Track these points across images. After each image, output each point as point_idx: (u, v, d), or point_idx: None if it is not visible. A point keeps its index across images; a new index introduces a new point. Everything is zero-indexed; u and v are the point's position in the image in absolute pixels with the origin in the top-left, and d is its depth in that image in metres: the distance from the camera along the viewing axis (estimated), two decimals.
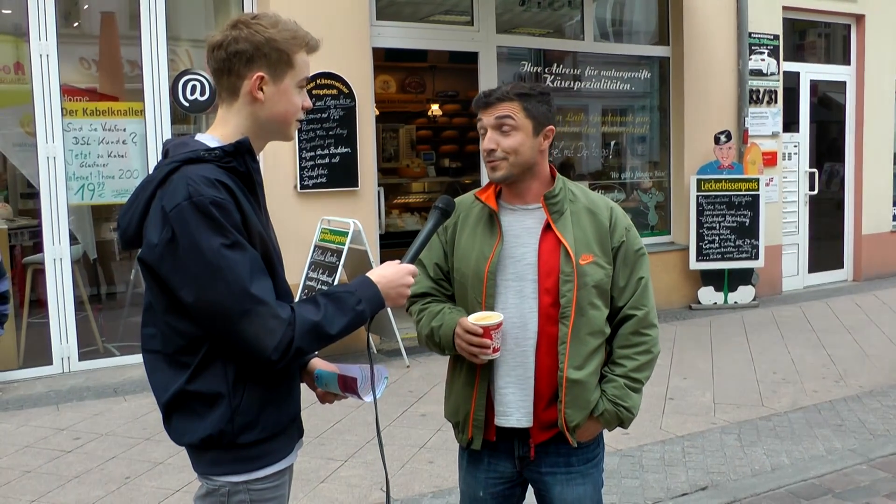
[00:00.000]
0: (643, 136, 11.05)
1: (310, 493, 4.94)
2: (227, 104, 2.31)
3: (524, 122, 2.75)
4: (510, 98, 2.75)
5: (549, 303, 2.76)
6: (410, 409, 6.47)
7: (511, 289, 2.80)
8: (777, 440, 5.84)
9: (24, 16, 7.13)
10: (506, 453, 2.89)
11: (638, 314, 2.82)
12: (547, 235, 2.79)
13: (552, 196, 2.80)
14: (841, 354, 8.10)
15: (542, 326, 2.77)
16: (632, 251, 2.85)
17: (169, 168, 2.16)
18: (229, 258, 2.09)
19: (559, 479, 2.85)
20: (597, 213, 2.82)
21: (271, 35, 2.24)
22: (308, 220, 7.69)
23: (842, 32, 12.35)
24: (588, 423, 2.81)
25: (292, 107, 2.32)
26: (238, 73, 2.25)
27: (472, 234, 2.87)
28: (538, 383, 2.78)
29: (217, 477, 2.28)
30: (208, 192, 2.09)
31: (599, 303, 2.78)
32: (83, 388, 7.05)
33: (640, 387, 2.84)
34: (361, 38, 8.16)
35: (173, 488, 5.07)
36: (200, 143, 2.26)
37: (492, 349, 2.68)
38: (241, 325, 2.10)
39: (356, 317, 2.27)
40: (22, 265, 7.93)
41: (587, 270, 2.75)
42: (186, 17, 8.36)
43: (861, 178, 12.32)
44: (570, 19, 10.33)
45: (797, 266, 11.80)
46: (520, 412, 2.81)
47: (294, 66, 2.29)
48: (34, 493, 5.02)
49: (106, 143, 7.52)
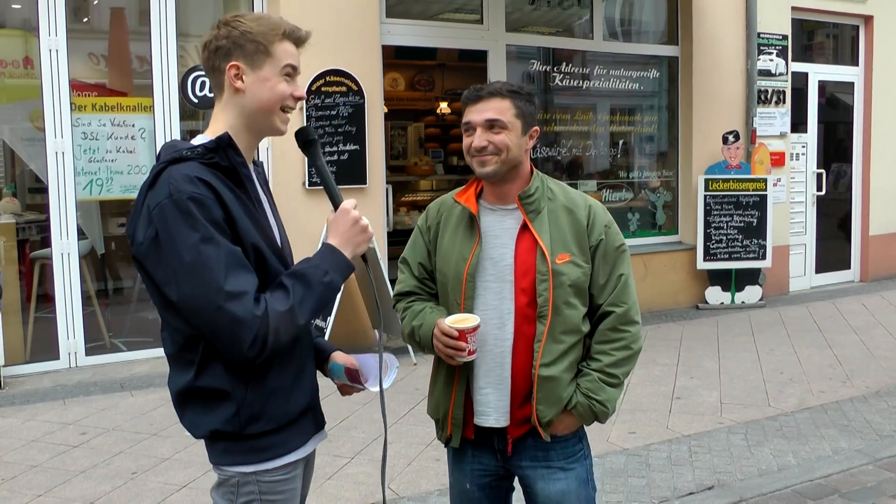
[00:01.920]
0: (651, 136, 11.03)
1: (316, 489, 4.94)
2: (217, 101, 2.37)
3: (514, 121, 2.76)
4: (502, 94, 2.76)
5: (525, 302, 2.77)
6: (417, 407, 6.47)
7: (491, 290, 2.81)
8: (783, 440, 5.83)
9: (34, 11, 7.15)
10: (487, 447, 2.91)
11: (617, 311, 2.81)
12: (524, 235, 2.80)
13: (527, 196, 2.81)
14: (848, 355, 8.09)
15: (519, 326, 2.78)
16: (612, 248, 2.84)
17: (157, 170, 2.21)
18: (204, 254, 2.11)
19: (539, 473, 2.87)
20: (574, 212, 2.82)
21: (248, 28, 2.29)
22: (316, 218, 7.68)
23: (850, 33, 12.32)
24: (562, 417, 2.81)
25: (275, 94, 2.33)
26: (219, 67, 2.31)
27: (454, 235, 2.89)
28: (514, 382, 2.80)
29: (228, 467, 2.31)
30: (187, 188, 2.13)
31: (576, 301, 2.78)
32: (90, 383, 7.06)
33: (616, 382, 2.82)
34: (371, 35, 8.16)
35: (180, 483, 5.08)
36: (187, 143, 2.30)
37: (467, 352, 2.70)
38: (215, 320, 2.12)
39: (325, 289, 2.28)
40: (30, 260, 7.95)
41: (563, 270, 2.75)
42: (196, 13, 8.37)
43: (868, 179, 12.30)
44: (579, 18, 10.32)
45: (804, 266, 11.78)
46: (497, 412, 2.83)
47: (272, 54, 2.31)
48: (40, 487, 5.03)
49: (115, 138, 7.53)
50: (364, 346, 8.02)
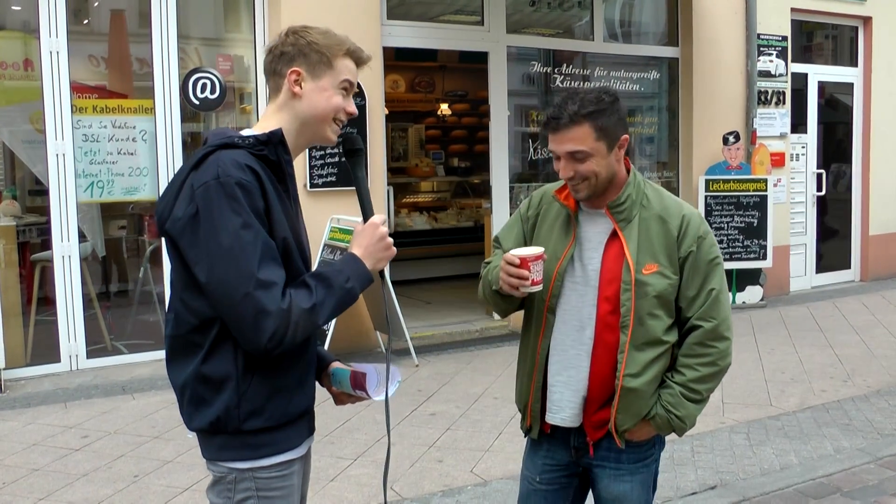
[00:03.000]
0: (652, 137, 11.03)
1: (319, 491, 4.94)
2: (272, 102, 2.43)
3: (597, 146, 2.68)
4: (579, 121, 2.66)
5: (608, 310, 2.75)
6: (420, 409, 6.47)
7: (576, 292, 2.81)
8: (785, 439, 5.83)
9: (35, 12, 7.14)
10: (563, 442, 2.91)
11: (706, 325, 2.74)
12: (613, 242, 2.77)
13: (616, 205, 2.77)
14: (848, 354, 8.09)
15: (600, 333, 2.76)
16: (704, 261, 2.76)
17: (204, 152, 2.25)
18: (244, 238, 2.14)
19: (607, 472, 2.87)
20: (667, 221, 2.77)
21: (314, 39, 2.38)
22: (318, 219, 7.68)
23: (849, 34, 12.34)
24: (640, 425, 2.80)
25: (330, 105, 2.39)
26: (280, 72, 2.38)
27: (550, 230, 2.89)
28: (592, 388, 2.79)
29: (223, 463, 2.32)
30: (235, 173, 2.17)
31: (661, 313, 2.74)
32: (91, 385, 7.05)
33: (698, 398, 2.79)
34: (372, 37, 8.15)
35: (182, 486, 5.07)
36: (237, 132, 2.34)
37: (531, 281, 2.68)
38: (241, 306, 2.13)
39: (346, 294, 2.31)
40: (30, 262, 7.94)
41: (649, 280, 2.71)
42: (197, 15, 8.37)
43: (868, 179, 12.32)
44: (580, 20, 10.32)
45: (805, 266, 11.79)
46: (566, 412, 2.82)
47: (333, 67, 2.39)
48: (42, 491, 5.02)
49: (115, 140, 7.53)
50: (365, 349, 8.01)
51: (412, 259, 10.99)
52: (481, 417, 6.30)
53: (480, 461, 5.44)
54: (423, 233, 12.28)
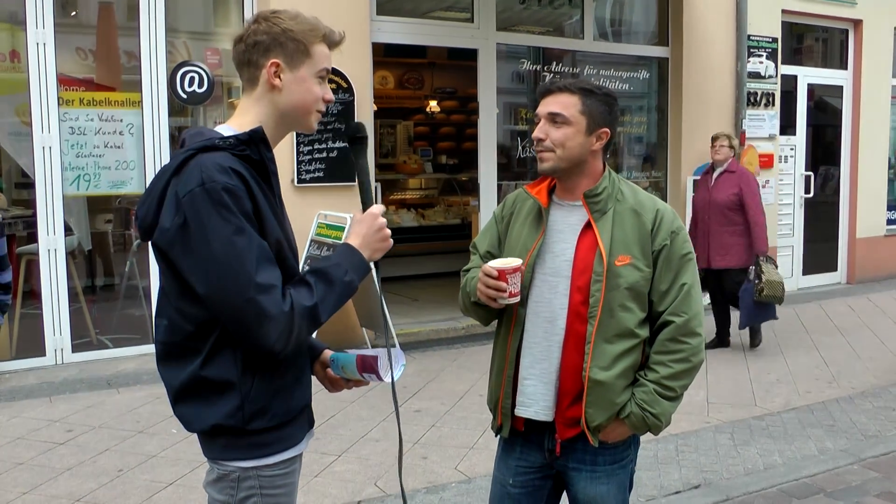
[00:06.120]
0: (641, 136, 11.05)
1: (303, 487, 4.92)
2: (247, 94, 2.36)
3: (578, 118, 2.75)
4: (571, 90, 2.76)
5: (579, 301, 2.75)
6: (405, 405, 6.46)
7: (546, 283, 2.81)
8: (770, 440, 5.85)
9: (22, 3, 7.09)
10: (537, 444, 2.90)
11: (677, 321, 2.74)
12: (586, 234, 2.79)
13: (593, 194, 2.79)
14: (834, 356, 8.12)
15: (571, 324, 2.77)
16: (677, 255, 2.78)
17: (184, 156, 2.19)
18: (238, 245, 2.10)
19: (584, 475, 2.85)
20: (641, 215, 2.78)
21: (289, 26, 2.30)
22: (304, 215, 7.66)
23: (839, 37, 12.37)
24: (614, 425, 2.78)
25: (311, 95, 2.34)
26: (256, 62, 2.31)
27: (522, 225, 2.91)
28: (563, 380, 2.79)
29: (228, 462, 2.30)
30: (221, 178, 2.11)
31: (633, 306, 2.74)
32: (76, 380, 7.02)
33: (672, 395, 2.77)
34: (361, 33, 8.14)
35: (166, 481, 5.05)
36: (216, 132, 2.29)
37: (508, 293, 2.70)
38: (243, 312, 2.10)
39: (346, 288, 2.29)
40: (16, 255, 7.89)
41: (621, 272, 2.72)
42: (185, 8, 8.34)
43: (856, 182, 12.37)
44: (570, 18, 10.33)
45: (792, 268, 11.82)
46: (539, 405, 2.82)
47: (311, 55, 2.32)
48: (26, 485, 5.00)
49: (102, 133, 7.49)
50: (353, 346, 8.00)
51: (399, 256, 10.97)
52: (466, 415, 6.30)
53: (465, 458, 5.44)
54: (410, 230, 12.26)
